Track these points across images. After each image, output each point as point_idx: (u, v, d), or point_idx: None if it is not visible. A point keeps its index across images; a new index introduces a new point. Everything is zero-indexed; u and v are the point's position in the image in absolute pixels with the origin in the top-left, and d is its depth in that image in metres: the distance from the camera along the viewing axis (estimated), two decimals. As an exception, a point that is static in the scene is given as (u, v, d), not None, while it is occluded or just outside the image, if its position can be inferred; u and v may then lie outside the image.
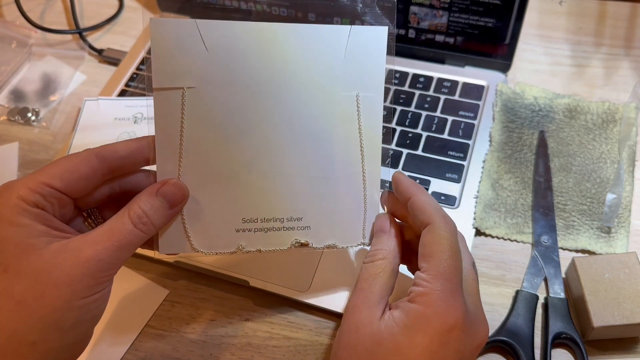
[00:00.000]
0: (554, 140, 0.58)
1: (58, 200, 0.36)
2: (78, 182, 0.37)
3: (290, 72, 0.39)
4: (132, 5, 0.75)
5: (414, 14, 0.62)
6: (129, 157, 0.38)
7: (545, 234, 0.52)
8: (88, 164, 0.37)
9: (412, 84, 0.63)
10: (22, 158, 0.62)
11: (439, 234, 0.38)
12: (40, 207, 0.35)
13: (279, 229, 0.41)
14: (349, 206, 0.42)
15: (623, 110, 0.59)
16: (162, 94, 0.38)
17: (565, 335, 0.47)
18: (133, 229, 0.36)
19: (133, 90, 0.65)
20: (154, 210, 0.37)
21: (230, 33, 0.38)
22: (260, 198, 0.40)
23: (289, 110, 0.40)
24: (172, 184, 0.38)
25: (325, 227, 0.41)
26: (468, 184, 0.56)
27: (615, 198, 0.53)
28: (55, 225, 0.36)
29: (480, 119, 0.60)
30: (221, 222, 0.40)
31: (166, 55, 0.38)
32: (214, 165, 0.39)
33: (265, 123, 0.39)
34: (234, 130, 0.39)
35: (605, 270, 0.47)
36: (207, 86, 0.38)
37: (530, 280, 0.50)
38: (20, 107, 0.66)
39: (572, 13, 0.70)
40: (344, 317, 0.39)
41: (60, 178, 0.36)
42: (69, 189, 0.36)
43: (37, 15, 0.74)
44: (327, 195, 0.41)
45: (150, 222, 0.37)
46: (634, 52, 0.66)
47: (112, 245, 0.35)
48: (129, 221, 0.36)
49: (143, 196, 0.37)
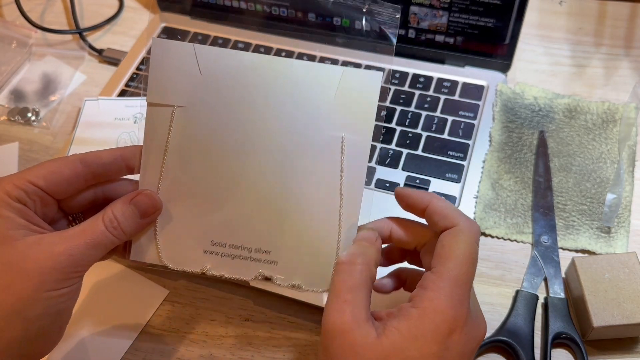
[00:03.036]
0: (554, 140, 0.58)
1: (40, 198, 0.38)
2: (60, 183, 0.38)
3: (279, 105, 0.39)
4: (132, 5, 0.75)
5: (414, 14, 0.62)
6: (112, 164, 0.40)
7: (545, 234, 0.52)
8: (72, 168, 0.39)
9: (412, 84, 0.63)
10: (22, 158, 0.62)
11: (461, 238, 0.37)
12: (22, 203, 0.37)
13: (245, 258, 0.41)
14: (320, 249, 0.40)
15: (623, 110, 0.59)
16: (154, 109, 0.40)
17: (565, 335, 0.47)
18: (105, 231, 0.37)
19: (133, 90, 0.65)
20: (125, 217, 0.38)
21: (225, 61, 0.39)
22: (232, 224, 0.40)
23: (272, 142, 0.40)
24: (146, 195, 0.40)
25: (292, 265, 0.40)
26: (468, 184, 0.56)
27: (615, 198, 0.53)
28: (35, 221, 0.37)
29: (480, 119, 0.60)
30: (191, 240, 0.41)
31: (162, 74, 0.40)
32: (192, 183, 0.40)
33: (248, 151, 0.40)
34: (216, 153, 0.40)
35: (605, 270, 0.47)
36: (196, 108, 0.40)
37: (530, 280, 0.50)
38: (20, 107, 0.66)
39: (572, 13, 0.70)
40: (332, 339, 0.35)
41: (44, 178, 0.38)
42: (51, 189, 0.38)
43: (37, 15, 0.74)
44: (299, 233, 0.40)
45: (120, 227, 0.38)
46: (633, 52, 0.66)
47: (84, 243, 0.36)
48: (102, 223, 0.37)
49: (118, 203, 0.39)
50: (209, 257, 0.41)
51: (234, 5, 0.68)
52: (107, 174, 0.40)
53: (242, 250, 0.40)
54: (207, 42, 0.68)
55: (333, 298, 0.36)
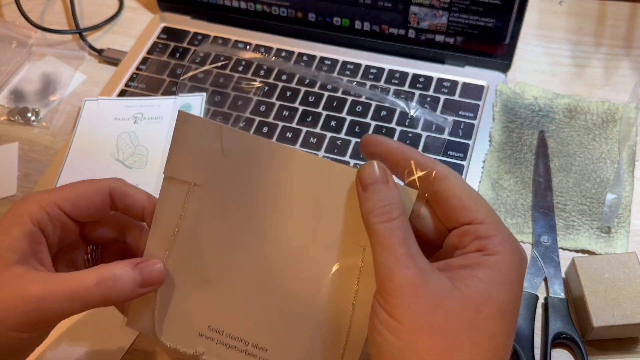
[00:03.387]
0: (554, 140, 0.58)
1: (62, 223, 0.37)
2: (87, 209, 0.38)
3: (297, 201, 0.37)
4: (132, 5, 0.75)
5: (414, 14, 0.62)
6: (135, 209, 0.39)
7: (545, 234, 0.52)
8: (101, 197, 0.38)
9: (412, 84, 0.63)
10: (22, 158, 0.62)
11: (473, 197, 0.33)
12: (42, 227, 0.36)
13: (241, 351, 0.39)
14: (319, 356, 0.37)
15: (623, 110, 0.59)
16: (170, 182, 0.38)
17: (565, 335, 0.47)
18: (92, 288, 0.35)
19: (133, 90, 0.65)
20: (123, 280, 0.36)
21: (250, 146, 0.37)
22: (233, 313, 0.39)
23: (287, 237, 0.37)
24: (154, 266, 0.38)
25: None
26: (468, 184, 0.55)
27: (615, 198, 0.53)
28: (39, 251, 0.36)
29: (480, 119, 0.60)
30: (188, 321, 0.39)
31: (184, 149, 0.38)
32: (199, 264, 0.39)
33: (260, 242, 0.38)
34: (227, 238, 0.38)
35: (605, 270, 0.47)
36: (214, 189, 0.38)
37: (530, 280, 0.50)
38: (20, 107, 0.66)
39: (572, 13, 0.70)
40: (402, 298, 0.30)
41: (71, 202, 0.37)
42: (76, 214, 0.38)
43: (37, 16, 0.74)
44: (300, 338, 0.38)
45: (115, 288, 0.35)
46: (633, 52, 0.66)
47: (62, 292, 0.34)
48: (94, 278, 0.35)
49: (122, 263, 0.37)
50: (204, 341, 0.39)
51: (234, 5, 0.68)
52: (129, 214, 0.40)
53: (239, 342, 0.39)
54: (207, 43, 0.68)
55: (387, 257, 0.31)
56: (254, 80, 0.65)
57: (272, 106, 0.62)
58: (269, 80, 0.65)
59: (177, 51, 0.68)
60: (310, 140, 0.59)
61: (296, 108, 0.62)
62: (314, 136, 0.60)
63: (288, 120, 0.61)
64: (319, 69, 0.65)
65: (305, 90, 0.63)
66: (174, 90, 0.64)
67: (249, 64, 0.66)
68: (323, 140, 0.59)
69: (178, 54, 0.68)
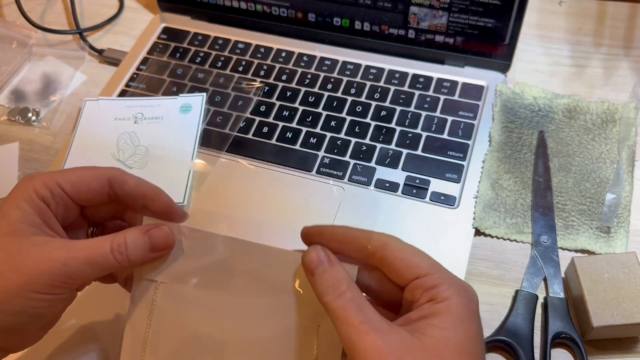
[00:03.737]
0: (554, 140, 0.58)
1: (64, 202, 0.39)
2: (86, 193, 0.39)
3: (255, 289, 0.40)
4: (133, 6, 0.76)
5: (414, 15, 0.62)
6: (132, 197, 0.40)
7: (545, 233, 0.52)
8: (100, 182, 0.40)
9: (412, 85, 0.63)
10: (23, 158, 0.62)
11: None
12: (46, 203, 0.38)
13: None
14: None
15: (622, 110, 0.59)
16: (139, 282, 0.41)
17: (564, 335, 0.47)
18: (108, 254, 0.37)
19: (133, 90, 0.65)
20: (135, 245, 0.38)
21: (208, 242, 0.41)
22: None
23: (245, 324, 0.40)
24: (162, 230, 0.40)
25: None
26: (468, 184, 0.56)
27: (614, 198, 0.53)
28: (51, 222, 0.38)
29: (479, 119, 0.60)
30: None
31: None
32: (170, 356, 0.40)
33: (219, 331, 0.40)
34: (193, 330, 0.40)
35: (605, 270, 0.47)
36: (177, 284, 0.41)
37: (529, 280, 0.50)
38: (20, 107, 0.66)
39: (571, 13, 0.70)
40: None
41: (72, 184, 0.39)
42: (76, 197, 0.39)
43: (37, 16, 0.74)
44: None
45: (126, 253, 0.38)
46: (633, 53, 0.66)
47: (83, 257, 0.37)
48: (109, 245, 0.38)
49: (133, 230, 0.39)
50: None
51: (234, 5, 0.68)
52: (126, 202, 0.41)
53: None
54: (208, 43, 0.69)
55: (347, 329, 0.33)
56: (254, 80, 0.65)
57: (272, 106, 0.62)
58: (269, 80, 0.65)
59: (177, 51, 0.68)
60: (310, 140, 0.59)
61: (296, 108, 0.62)
62: (314, 136, 0.60)
63: (288, 121, 0.61)
64: (319, 69, 0.65)
65: (305, 90, 0.63)
66: (174, 90, 0.64)
67: (249, 63, 0.66)
68: (323, 140, 0.59)
69: (178, 54, 0.68)
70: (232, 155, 0.59)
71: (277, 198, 0.56)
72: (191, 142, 0.59)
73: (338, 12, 0.65)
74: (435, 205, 0.55)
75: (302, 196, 0.56)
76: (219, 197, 0.56)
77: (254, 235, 0.53)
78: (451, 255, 0.51)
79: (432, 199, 0.55)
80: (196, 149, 0.59)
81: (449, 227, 0.53)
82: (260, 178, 0.57)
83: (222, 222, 0.54)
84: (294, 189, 0.56)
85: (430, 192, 0.55)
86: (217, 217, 0.55)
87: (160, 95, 0.64)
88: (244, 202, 0.56)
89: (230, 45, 0.68)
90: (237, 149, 0.60)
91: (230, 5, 0.69)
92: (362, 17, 0.64)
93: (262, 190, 0.56)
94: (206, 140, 0.60)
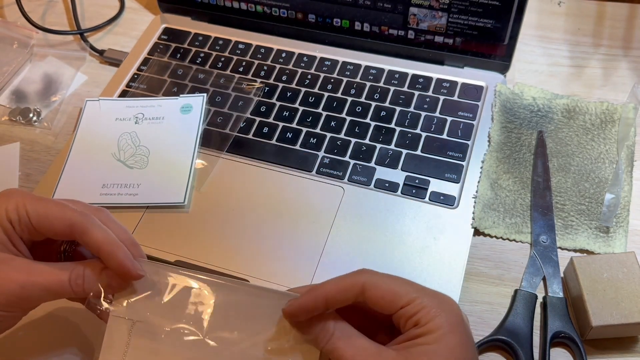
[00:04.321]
0: (553, 140, 0.58)
1: (28, 229, 0.39)
2: (47, 232, 0.39)
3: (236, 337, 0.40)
4: (133, 6, 0.76)
5: (413, 15, 0.62)
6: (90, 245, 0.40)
7: (544, 233, 0.53)
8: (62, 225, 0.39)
9: (412, 85, 0.63)
10: (24, 158, 0.62)
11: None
12: (12, 225, 0.39)
13: None
14: None
15: (621, 111, 0.59)
16: (115, 320, 0.41)
17: (563, 335, 0.47)
18: (66, 283, 0.39)
19: (134, 90, 0.65)
20: (91, 281, 0.39)
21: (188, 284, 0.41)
22: None
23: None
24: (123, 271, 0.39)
25: None
26: (467, 184, 0.56)
27: (613, 198, 0.53)
28: (15, 242, 0.39)
29: (479, 119, 0.60)
30: None
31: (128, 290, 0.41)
32: None
33: None
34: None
35: (604, 270, 0.47)
36: (153, 323, 0.40)
37: (529, 280, 0.50)
38: (21, 108, 0.66)
39: (570, 14, 0.70)
40: None
41: (37, 217, 0.39)
42: (39, 230, 0.39)
43: (38, 16, 0.74)
44: None
45: (83, 286, 0.39)
46: (632, 53, 0.66)
47: (40, 283, 0.38)
48: (67, 275, 0.39)
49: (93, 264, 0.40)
50: None
51: (234, 6, 0.69)
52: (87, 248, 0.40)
53: None
54: (208, 43, 0.69)
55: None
56: (255, 81, 0.65)
57: (272, 107, 0.63)
58: (269, 80, 0.65)
59: (178, 52, 0.68)
60: (311, 140, 0.60)
61: (296, 108, 0.62)
62: (314, 136, 0.60)
63: (288, 121, 0.61)
64: (319, 69, 0.65)
65: (305, 90, 0.64)
66: (175, 91, 0.65)
67: (249, 63, 0.66)
68: (323, 141, 0.60)
69: (179, 54, 0.68)
70: (232, 156, 0.59)
71: (277, 198, 0.56)
72: (192, 142, 0.59)
73: (338, 12, 0.65)
74: (434, 205, 0.55)
75: (302, 196, 0.56)
76: (220, 197, 0.56)
77: (254, 235, 0.53)
78: (450, 255, 0.51)
79: (432, 199, 0.55)
80: (197, 149, 0.59)
81: (448, 227, 0.53)
82: (260, 178, 0.58)
83: (222, 222, 0.54)
84: (294, 189, 0.56)
85: (429, 192, 0.55)
86: (217, 217, 0.55)
87: (160, 96, 0.64)
88: (244, 202, 0.56)
89: (231, 46, 0.68)
90: (238, 149, 0.60)
91: (230, 6, 0.69)
92: (362, 18, 0.65)
93: (263, 190, 0.57)
94: (207, 140, 0.60)
